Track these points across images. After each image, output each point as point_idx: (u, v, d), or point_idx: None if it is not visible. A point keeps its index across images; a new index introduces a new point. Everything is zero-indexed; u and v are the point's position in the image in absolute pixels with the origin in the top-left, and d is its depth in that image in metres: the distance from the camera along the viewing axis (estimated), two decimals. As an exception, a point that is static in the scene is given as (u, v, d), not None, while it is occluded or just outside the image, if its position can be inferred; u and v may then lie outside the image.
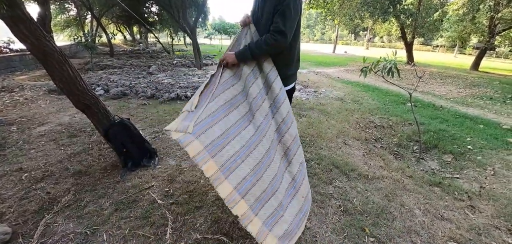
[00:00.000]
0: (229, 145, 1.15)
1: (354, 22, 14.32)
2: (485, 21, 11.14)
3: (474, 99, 5.82)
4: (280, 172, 1.33)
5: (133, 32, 24.04)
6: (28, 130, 2.98)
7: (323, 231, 1.56)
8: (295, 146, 1.45)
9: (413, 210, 1.81)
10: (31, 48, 1.79)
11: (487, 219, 1.79)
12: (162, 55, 13.26)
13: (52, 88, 4.80)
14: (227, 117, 1.25)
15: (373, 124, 3.70)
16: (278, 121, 1.44)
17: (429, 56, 21.72)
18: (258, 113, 1.34)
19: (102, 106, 2.20)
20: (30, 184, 1.95)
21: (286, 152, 1.43)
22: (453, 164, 2.65)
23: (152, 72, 7.66)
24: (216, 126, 1.17)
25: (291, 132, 1.45)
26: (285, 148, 1.43)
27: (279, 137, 1.43)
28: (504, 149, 2.93)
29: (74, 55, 11.36)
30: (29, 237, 1.47)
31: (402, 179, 2.23)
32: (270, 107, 1.43)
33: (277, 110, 1.44)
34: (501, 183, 2.26)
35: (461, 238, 1.58)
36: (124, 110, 3.89)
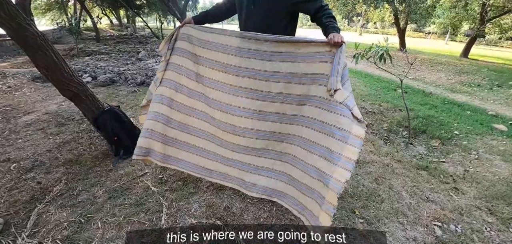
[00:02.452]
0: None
1: (347, 8, 14.17)
2: (477, 7, 11.24)
3: (463, 86, 5.96)
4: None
5: (120, 16, 23.03)
6: (13, 119, 2.88)
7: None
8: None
9: (401, 193, 1.89)
10: (11, 32, 1.70)
11: (470, 200, 1.88)
12: (151, 40, 12.84)
13: (37, 76, 4.60)
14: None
15: (364, 110, 3.76)
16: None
17: (421, 42, 21.92)
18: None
19: (90, 93, 2.14)
20: (20, 174, 1.91)
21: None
22: (440, 149, 2.75)
23: (142, 58, 7.43)
24: None
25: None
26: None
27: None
28: (489, 134, 3.05)
29: (57, 41, 10.83)
30: (21, 227, 1.46)
31: (391, 163, 2.30)
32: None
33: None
34: (484, 166, 2.37)
35: (444, 218, 1.67)
36: (113, 97, 3.80)
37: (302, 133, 1.30)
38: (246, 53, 1.32)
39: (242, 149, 1.40)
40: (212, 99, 1.43)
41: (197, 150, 1.49)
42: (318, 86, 1.24)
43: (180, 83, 1.50)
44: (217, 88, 1.41)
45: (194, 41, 1.45)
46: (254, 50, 1.31)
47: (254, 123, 1.34)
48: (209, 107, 1.45)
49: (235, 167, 1.43)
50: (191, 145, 1.50)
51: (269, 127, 1.34)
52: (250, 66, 1.33)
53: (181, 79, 1.50)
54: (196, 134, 1.49)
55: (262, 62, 1.31)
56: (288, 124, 1.33)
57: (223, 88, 1.39)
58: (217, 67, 1.39)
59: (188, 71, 1.49)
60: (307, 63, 1.24)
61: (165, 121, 1.48)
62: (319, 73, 1.23)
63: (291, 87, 1.28)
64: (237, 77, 1.35)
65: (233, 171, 1.43)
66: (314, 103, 1.25)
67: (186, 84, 1.49)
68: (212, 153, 1.47)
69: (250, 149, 1.39)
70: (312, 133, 1.25)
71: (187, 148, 1.50)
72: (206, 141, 1.48)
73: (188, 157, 1.49)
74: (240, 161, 1.42)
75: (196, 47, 1.45)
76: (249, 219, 1.54)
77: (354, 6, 13.74)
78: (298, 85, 1.27)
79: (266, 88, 1.32)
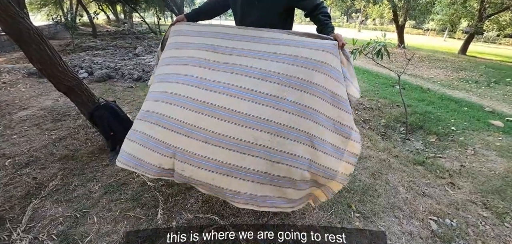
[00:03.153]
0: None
1: (346, 4, 14.11)
2: (475, 4, 11.23)
3: (460, 82, 5.98)
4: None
5: (117, 12, 22.77)
6: (8, 115, 2.85)
7: (311, 208, 1.61)
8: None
9: (397, 187, 1.90)
10: (5, 27, 1.67)
11: (465, 195, 1.90)
12: (148, 36, 12.71)
13: (32, 71, 4.55)
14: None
15: (362, 106, 3.77)
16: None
17: (420, 39, 21.93)
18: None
19: (85, 88, 2.12)
20: (15, 170, 1.89)
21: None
22: (436, 145, 2.76)
23: (139, 53, 7.37)
24: None
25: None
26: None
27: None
28: (485, 130, 3.06)
29: (53, 36, 10.71)
30: (17, 222, 1.45)
31: (388, 158, 2.31)
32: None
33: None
34: (480, 162, 2.39)
35: (440, 212, 1.68)
36: (110, 93, 3.76)
37: (302, 125, 1.08)
38: (244, 38, 1.25)
39: (223, 142, 1.08)
40: (192, 77, 1.21)
41: (153, 143, 1.17)
42: (322, 75, 1.12)
43: (159, 73, 1.35)
44: (200, 65, 1.23)
45: (185, 32, 1.38)
46: (253, 36, 1.25)
47: (242, 105, 1.09)
48: (183, 85, 1.20)
49: (210, 169, 1.10)
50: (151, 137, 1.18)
51: (261, 112, 1.08)
52: (245, 47, 1.23)
53: (161, 70, 1.35)
54: (156, 122, 1.19)
55: (261, 44, 1.21)
56: (285, 112, 1.08)
57: (207, 64, 1.23)
58: (206, 49, 1.27)
59: (169, 59, 1.35)
60: (310, 50, 1.16)
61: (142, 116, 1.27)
62: (323, 61, 1.13)
63: (293, 70, 1.12)
64: (225, 56, 1.22)
65: (203, 174, 1.11)
66: (317, 93, 1.11)
67: (163, 70, 1.33)
68: (171, 147, 1.13)
69: (230, 140, 1.08)
70: (313, 126, 1.09)
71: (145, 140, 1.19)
72: (167, 131, 1.15)
73: (142, 153, 1.18)
74: (219, 161, 1.09)
75: (186, 37, 1.37)
76: (246, 214, 1.54)
77: (353, 2, 13.71)
78: (301, 68, 1.12)
79: (264, 66, 1.15)
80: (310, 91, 1.11)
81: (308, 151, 1.09)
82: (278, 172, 1.08)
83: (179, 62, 1.30)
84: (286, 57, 1.16)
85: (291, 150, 1.07)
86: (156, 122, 1.18)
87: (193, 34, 1.36)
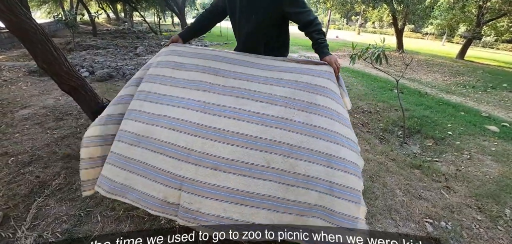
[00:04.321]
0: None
1: (346, 7, 14.20)
2: (474, 10, 11.36)
3: (458, 87, 6.06)
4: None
5: (117, 11, 22.76)
6: (10, 114, 2.86)
7: (311, 210, 1.65)
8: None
9: (395, 190, 1.94)
10: (9, 25, 1.69)
11: (461, 198, 1.94)
12: (149, 36, 12.73)
13: (33, 69, 4.56)
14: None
15: (361, 110, 3.82)
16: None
17: (418, 43, 22.10)
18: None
19: (89, 88, 2.15)
20: (18, 168, 1.92)
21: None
22: (433, 149, 2.81)
23: (139, 53, 7.39)
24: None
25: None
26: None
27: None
28: (481, 135, 3.12)
29: (53, 34, 10.69)
30: (21, 220, 1.47)
31: (386, 162, 2.35)
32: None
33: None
34: (476, 166, 2.44)
35: (436, 215, 1.72)
36: (111, 92, 3.79)
37: (315, 145, 1.05)
38: (245, 63, 1.27)
39: (234, 168, 1.02)
40: (194, 100, 1.17)
41: (156, 174, 1.06)
42: (325, 98, 1.14)
43: (149, 91, 1.24)
44: (201, 88, 1.20)
45: (181, 53, 1.36)
46: (253, 62, 1.28)
47: (251, 128, 1.06)
48: (184, 109, 1.15)
49: (220, 199, 1.00)
50: (149, 165, 1.08)
51: (272, 134, 1.06)
52: (247, 72, 1.23)
53: (152, 88, 1.25)
54: (159, 150, 1.09)
55: (262, 70, 1.23)
56: (296, 133, 1.07)
57: (210, 88, 1.19)
58: (207, 71, 1.25)
59: (163, 78, 1.27)
60: (310, 76, 1.19)
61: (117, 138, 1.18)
62: (324, 86, 1.17)
63: (296, 93, 1.14)
64: (228, 79, 1.22)
65: (213, 205, 1.00)
66: (324, 114, 1.12)
67: (156, 90, 1.24)
68: (179, 178, 1.03)
69: (241, 165, 1.02)
70: (327, 145, 1.06)
71: (143, 170, 1.08)
72: (172, 160, 1.06)
73: (142, 185, 1.07)
74: (231, 188, 1.00)
75: (182, 58, 1.34)
76: (247, 214, 1.57)
77: (352, 6, 13.79)
78: (304, 92, 1.15)
79: (268, 90, 1.16)
80: (317, 112, 1.11)
81: (325, 172, 1.03)
82: (294, 196, 1.01)
83: (176, 84, 1.24)
84: (289, 82, 1.18)
85: (306, 172, 1.02)
86: (159, 150, 1.08)
87: (190, 55, 1.34)
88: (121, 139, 1.15)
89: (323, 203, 1.01)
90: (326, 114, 1.11)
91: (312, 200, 1.01)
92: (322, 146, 1.05)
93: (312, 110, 1.11)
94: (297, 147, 1.04)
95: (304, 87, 1.16)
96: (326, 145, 1.06)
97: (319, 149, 1.05)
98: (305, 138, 1.06)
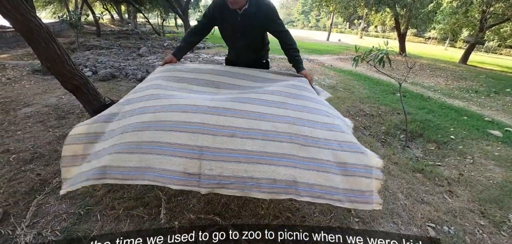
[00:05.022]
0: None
1: (349, 11, 14.22)
2: (477, 14, 11.32)
3: (461, 91, 6.02)
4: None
5: (121, 12, 22.98)
6: (13, 112, 2.88)
7: (311, 212, 1.64)
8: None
9: (396, 194, 1.92)
10: (15, 23, 1.71)
11: (463, 203, 1.92)
12: (152, 37, 12.82)
13: (36, 68, 4.60)
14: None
15: (363, 113, 3.80)
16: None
17: (421, 47, 22.05)
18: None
19: (91, 87, 2.16)
20: (19, 166, 1.92)
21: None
22: (436, 152, 2.79)
23: (142, 54, 7.43)
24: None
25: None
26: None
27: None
28: (484, 140, 3.09)
29: (58, 34, 10.80)
30: (21, 217, 1.47)
31: (388, 165, 2.33)
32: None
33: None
34: (479, 171, 2.41)
35: (438, 219, 1.70)
36: (114, 92, 3.80)
37: (313, 117, 1.27)
38: (235, 75, 1.59)
39: (244, 132, 1.11)
40: (201, 93, 1.40)
41: (173, 149, 1.05)
42: (307, 91, 1.48)
43: (152, 94, 1.30)
44: (207, 98, 1.30)
45: (179, 68, 1.58)
46: (243, 74, 1.61)
47: (257, 108, 1.24)
48: (195, 98, 1.27)
49: (241, 161, 1.04)
50: (163, 143, 1.06)
51: (276, 112, 1.24)
52: (246, 85, 1.54)
53: (155, 91, 1.32)
54: (173, 128, 1.10)
55: (258, 81, 1.58)
56: (293, 110, 1.27)
57: (214, 96, 1.37)
58: (208, 85, 1.50)
59: (166, 84, 1.40)
60: (294, 81, 1.55)
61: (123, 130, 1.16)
62: (304, 86, 1.52)
63: (287, 89, 1.43)
64: (230, 91, 1.48)
65: (234, 167, 1.03)
66: (310, 99, 1.41)
67: (161, 92, 1.32)
68: (197, 147, 1.05)
69: (255, 132, 1.11)
70: (321, 117, 1.30)
71: (157, 149, 1.06)
72: (188, 134, 1.08)
73: (159, 163, 1.03)
74: (244, 150, 1.06)
75: (183, 72, 1.54)
76: (247, 216, 1.56)
77: (355, 9, 13.80)
78: (292, 89, 1.44)
79: (267, 87, 1.44)
80: (305, 98, 1.39)
81: (330, 135, 1.21)
82: (308, 154, 1.10)
83: (181, 87, 1.43)
84: (280, 83, 1.51)
85: (312, 135, 1.18)
86: (173, 129, 1.09)
87: (189, 70, 1.56)
88: (126, 131, 1.13)
89: (337, 159, 1.12)
90: (311, 99, 1.40)
91: (326, 157, 1.11)
92: (318, 117, 1.28)
93: (301, 97, 1.38)
94: (297, 119, 1.23)
95: (292, 86, 1.46)
96: (320, 118, 1.28)
97: (316, 120, 1.26)
98: (302, 114, 1.27)
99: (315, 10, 25.54)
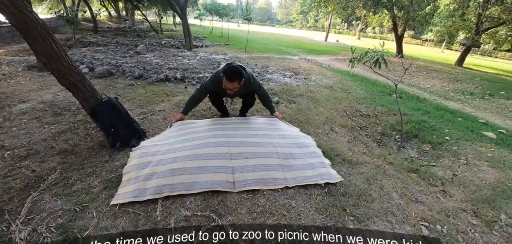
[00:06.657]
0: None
1: (347, 12, 14.29)
2: (473, 17, 11.46)
3: (456, 93, 6.10)
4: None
5: (119, 8, 22.78)
6: (8, 108, 2.85)
7: (307, 210, 1.65)
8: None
9: (391, 193, 1.94)
10: (11, 18, 1.69)
11: (457, 203, 1.95)
12: (149, 34, 12.75)
13: (32, 64, 4.55)
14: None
15: (359, 113, 3.83)
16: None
17: (418, 49, 22.23)
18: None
19: (88, 84, 2.14)
20: (14, 162, 1.91)
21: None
22: (430, 153, 2.82)
23: (140, 51, 7.39)
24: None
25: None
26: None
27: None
28: (478, 141, 3.14)
29: (54, 30, 10.67)
30: (15, 213, 1.46)
31: (383, 165, 2.36)
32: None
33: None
34: (472, 171, 2.45)
35: (432, 219, 1.72)
36: (110, 89, 3.78)
37: (287, 140, 2.24)
38: (232, 121, 2.48)
39: (252, 155, 1.97)
40: (215, 134, 2.19)
41: (216, 169, 1.82)
42: (282, 124, 2.59)
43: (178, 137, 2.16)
44: (217, 132, 2.23)
45: (190, 123, 2.42)
46: (237, 121, 2.51)
47: (254, 139, 2.16)
48: (215, 137, 2.12)
49: (256, 170, 1.86)
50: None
51: (264, 140, 2.16)
52: (242, 129, 2.31)
53: (179, 136, 2.19)
54: (212, 158, 1.88)
55: (250, 126, 2.43)
56: (275, 137, 2.23)
57: (224, 134, 2.18)
58: (216, 130, 2.27)
59: (186, 132, 2.24)
60: (271, 120, 2.63)
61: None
62: (278, 122, 2.61)
63: (268, 126, 2.45)
64: (229, 131, 2.24)
65: (251, 175, 1.83)
66: (285, 129, 2.49)
67: (186, 135, 2.18)
68: (230, 168, 1.85)
69: (258, 154, 2.00)
70: (293, 140, 2.29)
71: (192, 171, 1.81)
72: (222, 160, 1.88)
73: (209, 177, 1.78)
74: (255, 165, 1.91)
75: (194, 125, 2.36)
76: (243, 213, 1.57)
77: (353, 10, 13.89)
78: (271, 125, 2.48)
79: (256, 129, 2.38)
80: (281, 129, 2.45)
81: (300, 150, 2.18)
82: (289, 163, 2.00)
83: (198, 130, 2.26)
84: (263, 123, 2.52)
85: (290, 152, 2.14)
86: (212, 158, 1.86)
87: (198, 124, 2.38)
88: (176, 161, 1.82)
89: (307, 162, 2.03)
90: (285, 129, 2.47)
91: (300, 163, 2.00)
92: (291, 140, 2.25)
93: (278, 128, 2.42)
94: (276, 143, 2.14)
95: (271, 123, 2.52)
96: (293, 140, 2.27)
97: (291, 142, 2.22)
98: (280, 140, 2.20)
99: (314, 10, 25.64)
